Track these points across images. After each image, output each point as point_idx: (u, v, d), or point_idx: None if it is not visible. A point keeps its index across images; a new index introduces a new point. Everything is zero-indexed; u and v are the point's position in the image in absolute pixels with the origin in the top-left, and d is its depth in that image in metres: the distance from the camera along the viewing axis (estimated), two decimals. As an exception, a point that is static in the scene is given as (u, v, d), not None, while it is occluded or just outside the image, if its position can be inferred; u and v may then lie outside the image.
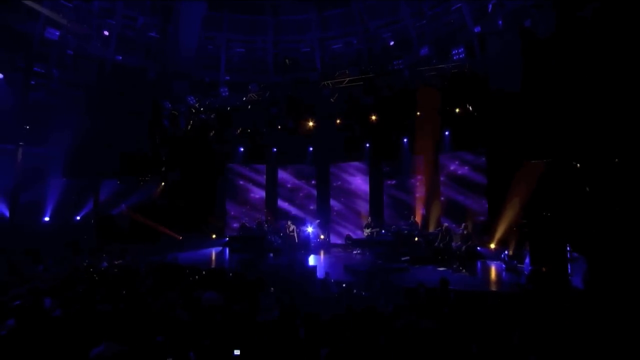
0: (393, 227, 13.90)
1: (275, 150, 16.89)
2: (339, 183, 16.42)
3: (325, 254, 13.60)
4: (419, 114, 13.12)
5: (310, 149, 16.40)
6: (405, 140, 14.68)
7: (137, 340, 3.68)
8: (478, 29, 12.54)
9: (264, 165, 17.30)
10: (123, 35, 16.34)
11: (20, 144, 14.13)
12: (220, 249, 14.66)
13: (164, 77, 16.57)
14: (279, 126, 15.27)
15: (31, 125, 14.32)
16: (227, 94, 15.13)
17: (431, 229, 13.65)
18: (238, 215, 16.88)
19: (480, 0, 12.55)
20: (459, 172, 13.83)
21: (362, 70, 13.08)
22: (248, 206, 17.21)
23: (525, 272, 8.50)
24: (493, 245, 12.16)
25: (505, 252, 10.47)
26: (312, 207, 16.58)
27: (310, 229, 14.34)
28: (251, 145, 16.73)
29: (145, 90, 15.87)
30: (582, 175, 8.06)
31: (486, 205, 12.86)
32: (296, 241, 14.04)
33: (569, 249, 7.48)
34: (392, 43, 16.34)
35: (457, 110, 12.56)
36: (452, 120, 12.91)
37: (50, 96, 14.74)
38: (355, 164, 16.08)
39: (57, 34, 14.39)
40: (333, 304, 5.55)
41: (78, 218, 15.93)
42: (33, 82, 14.44)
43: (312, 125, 14.62)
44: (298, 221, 15.17)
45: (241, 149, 17.02)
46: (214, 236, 16.17)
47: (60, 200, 15.27)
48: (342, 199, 16.23)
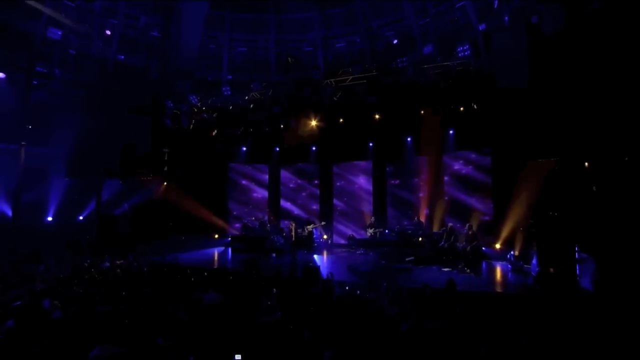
0: (397, 227, 13.79)
1: (277, 149, 16.80)
2: (342, 183, 16.30)
3: (328, 254, 13.48)
4: (422, 112, 12.99)
5: (313, 149, 16.31)
6: (409, 139, 14.55)
7: (136, 342, 3.60)
8: (483, 27, 12.37)
9: (267, 165, 17.22)
10: (125, 34, 16.28)
11: (23, 143, 14.10)
12: (222, 248, 14.59)
13: (166, 77, 16.51)
14: (282, 125, 15.18)
15: (33, 125, 14.29)
16: (229, 93, 15.05)
17: (435, 229, 13.52)
18: (240, 215, 16.80)
19: (485, -3, 12.40)
20: (463, 172, 13.69)
21: (366, 68, 12.95)
22: (250, 206, 17.13)
23: (532, 273, 8.36)
24: (498, 246, 12.03)
25: (511, 253, 10.32)
26: (315, 207, 16.48)
27: (312, 229, 14.24)
28: (254, 144, 16.65)
29: (148, 89, 15.81)
30: (591, 174, 7.91)
31: (491, 205, 12.71)
32: (298, 241, 13.94)
33: (577, 250, 7.33)
34: (396, 41, 16.18)
35: (462, 109, 12.42)
36: (457, 119, 12.76)
37: (52, 96, 14.71)
38: (359, 163, 15.96)
39: (59, 33, 14.35)
40: (337, 305, 5.43)
41: (81, 218, 15.91)
42: (35, 82, 14.39)
43: (315, 124, 14.51)
44: (301, 221, 15.07)
45: (243, 148, 16.94)
46: (216, 236, 16.11)
47: (62, 200, 15.26)
48: (345, 198, 16.11)
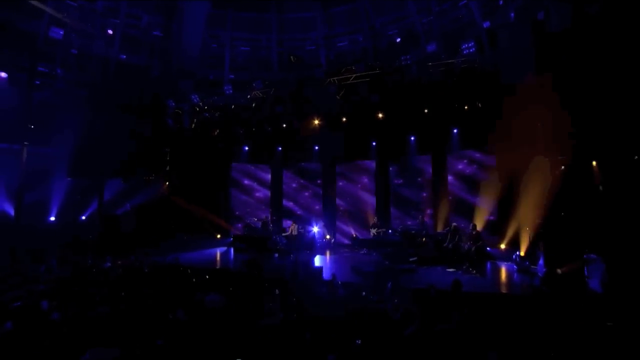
0: (400, 227, 13.64)
1: (280, 149, 16.70)
2: (345, 182, 16.17)
3: (331, 254, 13.36)
4: (426, 111, 12.85)
5: (316, 148, 16.19)
6: (412, 138, 14.41)
7: (133, 343, 3.52)
8: (487, 24, 12.23)
9: (269, 164, 17.13)
10: (127, 34, 16.26)
11: (25, 143, 14.11)
12: (225, 249, 14.51)
13: (168, 76, 16.47)
14: (284, 125, 15.08)
15: (36, 125, 14.28)
16: (231, 92, 14.97)
17: (439, 229, 13.37)
18: (243, 215, 16.73)
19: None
20: (468, 171, 13.53)
21: (369, 66, 12.82)
22: (253, 206, 17.06)
23: (539, 274, 8.21)
24: (503, 246, 11.88)
25: (517, 253, 10.17)
26: (318, 207, 16.37)
27: (315, 229, 14.14)
28: (256, 144, 16.56)
29: (149, 89, 15.77)
30: (599, 173, 7.75)
31: (495, 205, 12.54)
32: (301, 241, 13.84)
33: (585, 250, 7.18)
34: (399, 40, 16.08)
35: (466, 107, 12.26)
36: (461, 118, 12.60)
37: (54, 96, 14.69)
38: (362, 162, 15.82)
39: (61, 33, 14.33)
40: (340, 307, 5.32)
41: (83, 218, 15.90)
42: (37, 82, 14.40)
43: (318, 123, 14.40)
44: (303, 221, 14.97)
45: (246, 148, 16.86)
46: (218, 236, 16.04)
47: (65, 200, 15.25)
48: (348, 198, 15.99)
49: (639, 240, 6.69)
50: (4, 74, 13.14)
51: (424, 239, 12.41)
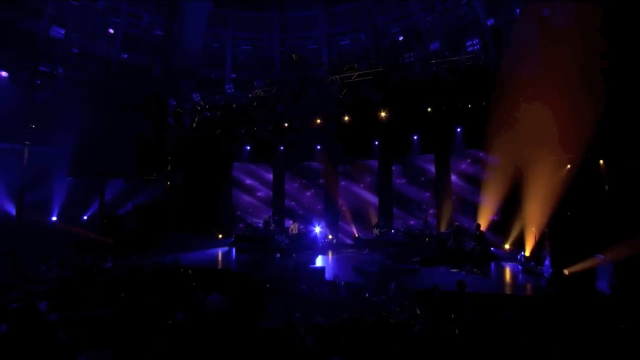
0: (403, 227, 13.52)
1: (282, 148, 16.59)
2: (348, 182, 16.05)
3: (333, 254, 13.26)
4: (429, 110, 12.71)
5: (318, 147, 16.07)
6: (415, 137, 14.26)
7: (130, 346, 3.42)
8: (491, 22, 12.08)
9: (271, 164, 17.03)
10: (128, 33, 16.21)
11: (27, 143, 14.06)
12: (226, 248, 14.42)
13: (169, 75, 16.40)
14: (286, 124, 14.97)
15: (37, 125, 14.24)
16: (233, 90, 14.89)
17: (443, 229, 13.24)
18: (245, 215, 16.64)
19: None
20: (471, 170, 13.38)
21: (372, 64, 12.68)
22: (255, 205, 16.96)
23: (545, 275, 8.06)
24: (507, 246, 11.73)
25: (522, 254, 10.04)
26: (320, 207, 16.26)
27: (317, 229, 14.03)
28: (257, 143, 16.45)
29: (151, 88, 15.70)
30: (608, 172, 7.60)
31: (499, 205, 12.38)
32: (302, 241, 13.73)
33: (594, 251, 7.03)
34: (401, 38, 15.95)
35: (470, 105, 12.12)
36: (464, 117, 12.46)
37: (55, 95, 14.64)
38: (364, 162, 15.69)
39: (62, 32, 14.28)
40: (343, 308, 5.21)
41: (85, 218, 15.84)
42: (39, 82, 14.34)
43: (320, 122, 14.29)
44: (305, 221, 14.85)
45: (247, 147, 16.77)
46: (220, 236, 15.95)
47: (66, 200, 15.20)
48: (351, 198, 15.86)
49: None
50: (4, 73, 13.09)
51: (427, 239, 12.29)
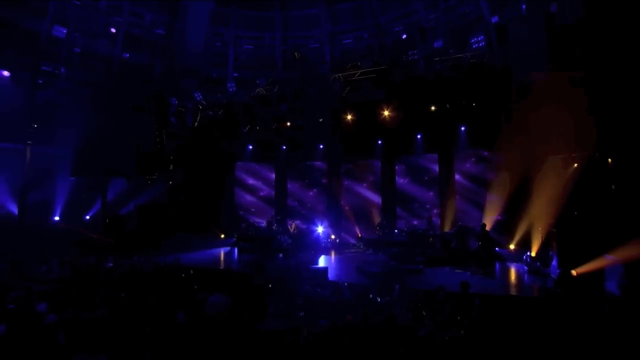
0: (407, 227, 13.39)
1: (284, 148, 16.51)
2: (350, 181, 15.94)
3: (336, 254, 13.14)
4: (433, 108, 12.58)
5: (321, 146, 15.97)
6: (419, 136, 14.12)
7: (126, 349, 3.34)
8: (496, 19, 11.92)
9: (273, 163, 16.95)
10: (130, 32, 16.16)
11: (29, 143, 14.05)
12: (228, 248, 14.35)
13: (171, 74, 16.34)
14: (288, 123, 14.88)
15: (39, 124, 14.23)
16: (235, 89, 14.80)
17: (447, 229, 13.10)
18: (247, 215, 16.57)
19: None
20: (475, 170, 13.23)
21: (375, 62, 12.55)
22: (257, 205, 16.88)
23: (552, 276, 7.92)
24: (512, 246, 11.58)
25: (527, 254, 9.88)
26: (323, 207, 16.13)
27: (320, 229, 13.93)
28: (260, 142, 16.39)
29: (153, 87, 15.65)
30: (617, 171, 7.44)
31: (504, 204, 12.23)
32: (305, 241, 13.64)
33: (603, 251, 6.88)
34: (405, 36, 15.80)
35: (474, 104, 11.98)
36: (469, 115, 12.32)
37: (57, 95, 14.61)
38: (367, 161, 15.57)
39: (64, 31, 14.25)
40: (347, 310, 5.11)
41: (87, 217, 15.82)
42: (41, 81, 14.31)
43: (322, 121, 14.18)
44: (308, 220, 14.75)
45: (250, 146, 16.71)
46: (222, 236, 15.88)
47: (69, 200, 15.18)
48: (354, 197, 15.74)
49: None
50: (6, 73, 13.07)
51: (431, 239, 12.16)
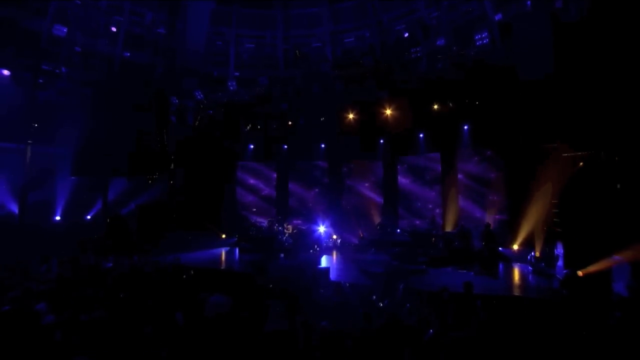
0: (409, 227, 13.29)
1: (286, 147, 16.42)
2: (352, 181, 15.84)
3: (338, 254, 13.05)
4: (436, 107, 12.46)
5: (322, 146, 15.88)
6: (421, 135, 14.01)
7: (127, 350, 3.25)
8: (499, 17, 11.79)
9: (275, 163, 16.87)
10: (131, 31, 16.08)
11: (29, 142, 13.99)
12: (229, 248, 14.27)
13: (171, 74, 16.25)
14: (290, 122, 14.79)
15: (40, 124, 14.16)
16: (236, 88, 14.72)
17: (449, 229, 12.98)
18: (248, 214, 16.48)
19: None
20: (479, 169, 13.11)
21: (377, 60, 12.44)
22: (258, 205, 16.80)
23: (558, 276, 7.79)
24: (516, 247, 11.45)
25: (532, 254, 9.77)
26: (324, 206, 16.04)
27: (322, 229, 13.83)
28: (261, 142, 16.31)
29: (153, 86, 15.57)
30: (624, 169, 7.31)
31: (508, 203, 12.12)
32: (306, 240, 13.54)
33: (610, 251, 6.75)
34: (407, 35, 15.67)
35: (477, 102, 11.86)
36: (472, 114, 12.20)
37: (58, 94, 14.55)
38: (369, 161, 15.47)
39: (65, 30, 14.18)
40: (349, 311, 5.01)
41: (88, 217, 15.77)
42: (41, 81, 14.25)
43: (324, 120, 14.08)
44: (309, 220, 14.66)
45: (251, 146, 16.63)
46: (223, 236, 15.80)
47: (70, 200, 15.12)
48: (356, 197, 15.65)
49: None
50: (6, 72, 13.00)
51: (433, 239, 12.04)
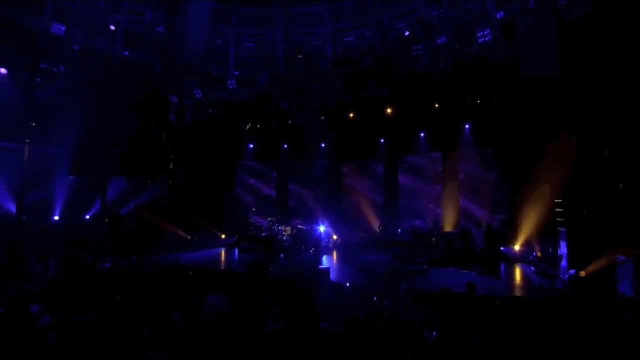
0: (410, 227, 13.21)
1: (285, 146, 16.34)
2: (352, 180, 15.75)
3: (338, 254, 12.97)
4: (437, 105, 12.38)
5: (322, 145, 15.80)
6: (422, 134, 13.92)
7: (123, 353, 3.17)
8: (501, 15, 11.69)
9: (274, 163, 16.79)
10: (130, 30, 15.98)
11: (27, 141, 13.90)
12: (229, 248, 14.19)
13: (170, 72, 16.15)
14: (290, 121, 14.71)
15: (38, 123, 14.08)
16: (235, 86, 14.65)
17: (450, 229, 12.90)
18: (248, 214, 16.41)
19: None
20: (480, 168, 13.02)
21: (377, 58, 12.35)
22: (258, 204, 16.74)
23: (561, 276, 7.71)
24: (517, 246, 11.36)
25: (534, 254, 9.69)
26: (324, 206, 15.94)
27: (322, 229, 13.76)
28: (261, 142, 16.25)
29: (152, 85, 15.48)
30: (626, 166, 7.23)
31: (509, 202, 12.02)
32: (306, 240, 13.46)
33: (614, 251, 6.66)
34: (407, 33, 15.57)
35: (478, 101, 11.78)
36: (473, 112, 12.11)
37: (56, 93, 14.46)
38: (369, 160, 15.39)
39: (63, 29, 14.08)
40: (350, 312, 4.92)
41: (87, 217, 15.70)
42: (39, 79, 14.16)
43: (324, 119, 14.00)
44: (309, 220, 14.59)
45: (250, 145, 16.55)
46: (223, 236, 15.73)
47: (68, 199, 15.05)
48: (356, 196, 15.56)
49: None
50: (4, 70, 12.90)
51: (434, 239, 11.97)
